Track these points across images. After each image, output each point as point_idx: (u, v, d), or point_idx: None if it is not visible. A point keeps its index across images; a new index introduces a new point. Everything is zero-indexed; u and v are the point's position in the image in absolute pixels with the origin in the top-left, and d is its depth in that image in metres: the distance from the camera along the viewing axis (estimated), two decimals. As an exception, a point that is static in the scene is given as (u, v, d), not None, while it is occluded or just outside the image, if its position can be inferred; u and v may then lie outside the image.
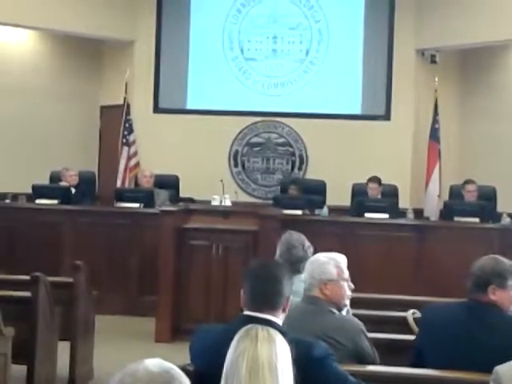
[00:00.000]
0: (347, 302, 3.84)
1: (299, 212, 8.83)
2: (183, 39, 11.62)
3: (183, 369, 2.12)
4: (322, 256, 3.82)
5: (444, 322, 3.64)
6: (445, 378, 3.40)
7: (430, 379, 3.44)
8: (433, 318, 3.73)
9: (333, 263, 3.77)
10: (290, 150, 11.44)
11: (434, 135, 10.80)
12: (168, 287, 7.38)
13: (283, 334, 2.45)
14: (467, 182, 9.31)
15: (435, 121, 10.82)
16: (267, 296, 2.98)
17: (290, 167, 11.43)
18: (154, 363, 1.86)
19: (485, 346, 3.46)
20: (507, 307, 3.61)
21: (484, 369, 3.28)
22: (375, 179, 9.60)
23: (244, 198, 10.94)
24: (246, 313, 2.98)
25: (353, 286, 3.92)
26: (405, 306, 4.66)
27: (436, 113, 10.83)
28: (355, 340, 3.56)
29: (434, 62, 11.28)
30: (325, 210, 9.28)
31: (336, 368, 2.95)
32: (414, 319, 4.36)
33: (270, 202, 9.69)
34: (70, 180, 9.61)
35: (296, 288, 3.61)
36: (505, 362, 2.94)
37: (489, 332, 3.50)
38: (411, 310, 4.46)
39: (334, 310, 3.69)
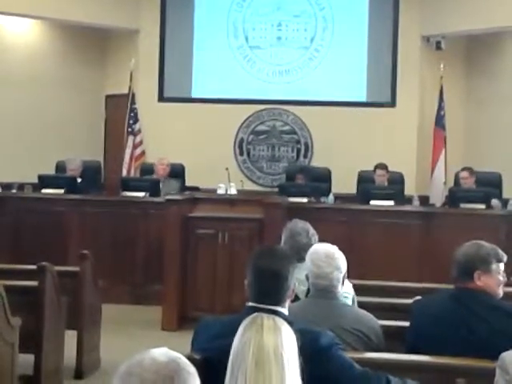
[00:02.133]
0: None
1: (305, 200, 8.82)
2: (188, 28, 11.61)
3: (190, 358, 2.12)
4: (332, 248, 3.74)
5: (434, 313, 3.65)
6: (449, 365, 3.41)
7: (434, 366, 3.44)
8: (422, 310, 3.74)
9: (339, 257, 3.75)
10: (295, 137, 11.43)
11: (440, 122, 10.79)
12: (174, 276, 7.40)
13: (290, 323, 2.46)
14: (462, 169, 9.26)
15: (441, 107, 10.81)
16: (272, 293, 2.98)
17: (295, 155, 11.43)
18: (160, 352, 1.87)
19: (476, 332, 3.47)
20: (494, 291, 3.62)
21: (478, 355, 3.29)
22: (382, 166, 9.58)
23: (249, 186, 10.95)
24: (252, 304, 2.98)
25: None
26: (411, 292, 4.65)
27: (441, 99, 10.82)
28: (378, 334, 3.57)
29: (439, 48, 11.24)
30: (330, 198, 9.28)
31: (342, 357, 2.94)
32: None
33: (276, 189, 9.69)
34: (72, 174, 9.60)
35: (300, 276, 3.60)
36: (496, 346, 2.94)
37: (478, 318, 3.51)
38: (417, 297, 4.46)
39: (341, 301, 3.69)
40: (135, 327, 7.39)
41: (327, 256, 3.68)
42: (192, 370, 1.86)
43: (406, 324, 4.00)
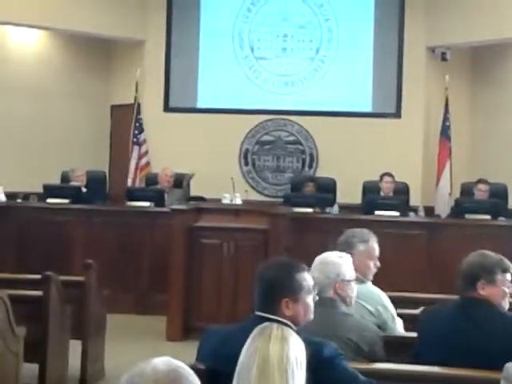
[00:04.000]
0: (354, 300, 3.82)
1: (310, 210, 8.81)
2: (193, 38, 11.62)
3: (194, 367, 2.12)
4: (333, 255, 3.79)
5: (438, 322, 3.66)
6: (452, 376, 3.40)
7: (438, 376, 3.43)
8: (428, 319, 3.75)
9: (345, 263, 3.76)
10: (301, 148, 11.43)
11: (445, 133, 10.77)
12: (179, 286, 7.39)
13: (296, 333, 2.46)
14: (480, 181, 9.26)
15: (446, 118, 10.79)
16: (268, 301, 2.99)
17: (300, 165, 11.42)
18: (162, 361, 1.87)
19: (476, 342, 3.46)
20: (498, 302, 3.61)
21: (477, 365, 3.28)
22: (388, 174, 9.63)
23: (255, 196, 10.95)
24: (258, 313, 2.97)
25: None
26: (416, 303, 4.65)
27: (447, 110, 10.80)
28: (372, 345, 3.54)
29: (444, 59, 11.24)
30: (335, 208, 9.27)
31: (346, 367, 2.94)
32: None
33: (281, 200, 9.68)
34: (78, 181, 9.64)
35: None
36: (498, 357, 2.92)
37: (479, 328, 3.50)
38: (422, 308, 4.45)
39: (349, 312, 3.68)
40: (140, 337, 7.37)
41: (321, 263, 3.73)
42: (194, 378, 1.86)
43: (411, 334, 4.00)
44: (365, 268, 4.36)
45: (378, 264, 4.46)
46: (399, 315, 4.43)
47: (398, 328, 4.23)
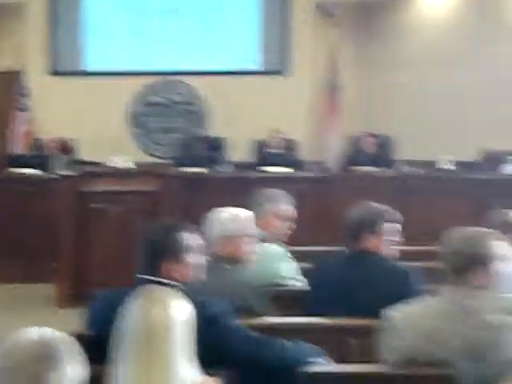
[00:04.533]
0: (252, 256, 3.76)
1: (201, 170, 8.75)
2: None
3: (80, 334, 2.06)
4: (223, 211, 3.75)
5: (327, 275, 3.71)
6: (338, 325, 3.44)
7: (324, 327, 3.45)
8: (318, 272, 3.82)
9: (233, 219, 3.71)
10: (190, 108, 11.36)
11: (334, 88, 10.87)
12: (68, 252, 7.24)
13: (187, 294, 2.45)
14: (366, 134, 9.55)
15: (334, 73, 10.88)
16: (148, 262, 2.98)
17: (190, 125, 11.34)
18: (35, 331, 1.86)
19: (363, 292, 3.52)
20: (383, 252, 3.66)
21: (366, 315, 3.31)
22: (278, 130, 9.85)
23: (145, 158, 10.85)
24: (143, 276, 2.93)
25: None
26: (306, 256, 4.65)
27: (335, 65, 10.88)
28: (246, 299, 3.47)
29: (332, 14, 11.30)
30: (226, 167, 9.29)
31: (234, 324, 2.92)
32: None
33: (172, 161, 9.63)
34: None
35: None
36: (382, 305, 2.95)
37: (365, 278, 3.58)
38: (313, 261, 4.46)
39: (227, 266, 3.61)
40: (28, 306, 7.18)
41: (207, 220, 3.74)
42: (67, 347, 1.84)
43: (303, 288, 4.01)
44: (271, 228, 4.33)
45: (292, 225, 4.40)
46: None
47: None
